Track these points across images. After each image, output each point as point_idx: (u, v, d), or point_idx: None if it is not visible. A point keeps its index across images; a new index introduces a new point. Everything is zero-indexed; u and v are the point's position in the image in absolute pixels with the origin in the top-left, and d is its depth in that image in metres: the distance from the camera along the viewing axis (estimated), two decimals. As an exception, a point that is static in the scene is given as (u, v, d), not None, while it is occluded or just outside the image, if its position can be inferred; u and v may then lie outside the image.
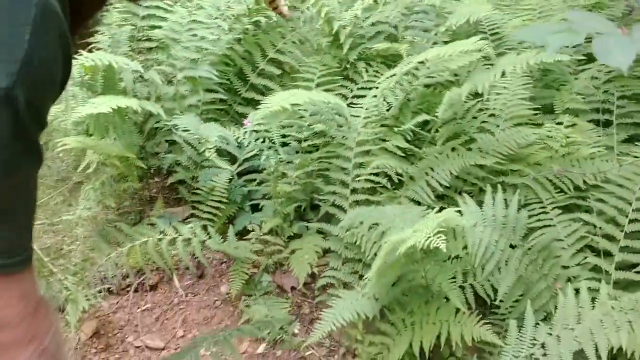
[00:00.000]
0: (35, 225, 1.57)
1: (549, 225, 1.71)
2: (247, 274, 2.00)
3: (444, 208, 1.46)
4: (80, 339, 1.88)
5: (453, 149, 1.86)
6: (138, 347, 1.92)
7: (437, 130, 1.90)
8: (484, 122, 1.95)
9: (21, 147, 0.71)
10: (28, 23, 0.67)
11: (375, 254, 1.45)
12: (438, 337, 1.51)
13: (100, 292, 1.99)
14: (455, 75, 2.10)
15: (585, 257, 1.68)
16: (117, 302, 2.05)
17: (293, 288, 2.05)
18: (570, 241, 1.69)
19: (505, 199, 1.67)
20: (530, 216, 1.74)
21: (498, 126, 1.92)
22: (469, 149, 1.86)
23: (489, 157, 1.77)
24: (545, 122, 1.95)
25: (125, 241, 1.90)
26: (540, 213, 1.76)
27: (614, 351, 1.35)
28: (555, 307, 1.40)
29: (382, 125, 1.99)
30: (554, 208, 1.77)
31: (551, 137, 1.92)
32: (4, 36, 0.66)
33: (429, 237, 1.16)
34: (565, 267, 1.62)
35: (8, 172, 0.71)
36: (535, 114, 2.02)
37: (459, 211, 1.41)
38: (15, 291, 0.75)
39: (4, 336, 0.76)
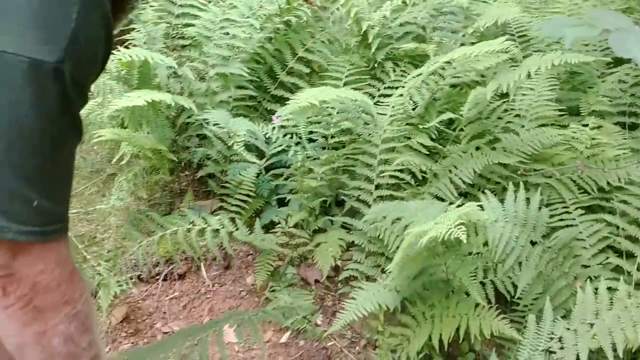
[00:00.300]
0: (70, 214, 1.66)
1: (571, 225, 1.73)
2: (272, 265, 2.06)
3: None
4: (111, 323, 1.95)
5: (477, 148, 1.89)
6: (166, 333, 1.99)
7: (461, 129, 1.93)
8: (509, 122, 1.97)
9: (67, 122, 0.77)
10: (75, 2, 0.72)
11: (398, 247, 1.49)
12: (457, 330, 1.54)
13: (131, 278, 2.07)
14: (482, 76, 2.13)
15: (607, 258, 1.69)
16: (147, 290, 2.13)
17: (317, 281, 2.10)
18: (592, 241, 1.70)
19: (527, 198, 1.70)
20: (552, 216, 1.77)
21: (523, 126, 1.94)
22: (493, 149, 1.88)
23: (512, 156, 1.80)
24: (571, 123, 1.96)
25: (156, 230, 1.97)
26: (562, 213, 1.78)
27: (634, 350, 1.37)
28: (575, 305, 1.42)
29: (407, 124, 2.02)
30: (576, 208, 1.79)
31: (576, 138, 1.93)
32: (53, 14, 0.72)
33: (450, 228, 1.20)
34: (586, 267, 1.64)
35: (56, 147, 0.77)
36: (561, 116, 2.04)
37: (481, 206, 1.44)
38: (53, 258, 0.81)
39: (41, 299, 0.81)
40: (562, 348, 1.32)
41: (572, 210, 1.78)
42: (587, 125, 1.93)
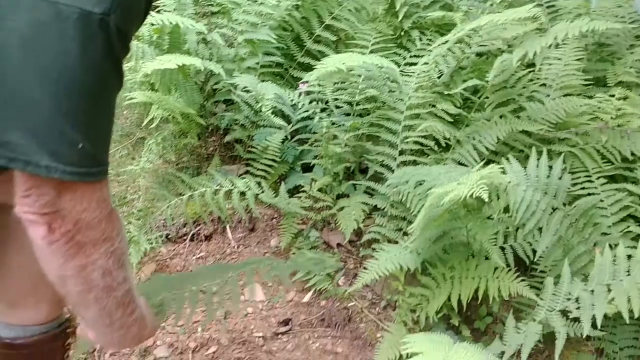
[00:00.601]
0: None
1: (593, 194, 1.74)
2: (296, 228, 2.11)
3: (488, 169, 1.51)
4: (141, 278, 2.03)
5: (501, 117, 1.91)
6: (193, 290, 2.06)
7: (486, 97, 1.95)
8: (534, 91, 1.98)
9: (111, 70, 0.83)
10: None
11: (420, 209, 1.52)
12: (476, 292, 1.58)
13: (161, 236, 2.14)
14: (509, 45, 2.13)
15: (628, 226, 1.71)
16: (174, 249, 2.20)
17: (339, 244, 2.15)
18: (614, 210, 1.72)
19: (550, 166, 1.71)
20: (574, 184, 1.78)
21: (548, 96, 1.95)
22: (517, 117, 1.90)
23: (537, 124, 1.81)
24: (597, 93, 1.96)
25: (184, 190, 2.03)
26: (584, 181, 1.79)
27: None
28: (593, 268, 1.44)
29: (432, 92, 2.04)
30: (599, 177, 1.80)
31: (602, 108, 1.94)
32: None
33: (472, 188, 1.23)
34: (605, 234, 1.66)
35: (100, 94, 0.83)
36: (587, 86, 2.04)
37: (503, 171, 1.47)
38: (95, 198, 0.87)
39: (83, 235, 0.87)
40: (578, 308, 1.35)
41: (595, 179, 1.80)
42: (613, 95, 1.93)
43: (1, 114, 0.79)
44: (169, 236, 2.21)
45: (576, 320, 1.52)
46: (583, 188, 1.78)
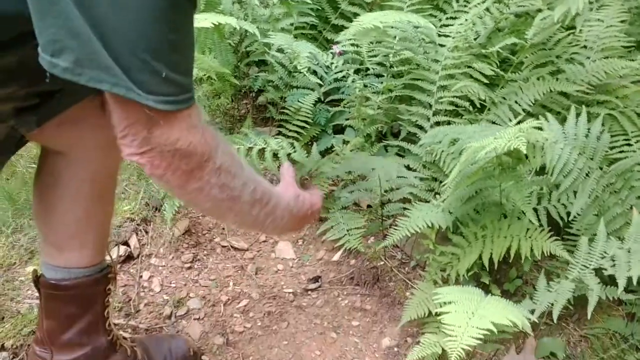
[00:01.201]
0: None
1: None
2: (326, 189, 2.12)
3: (525, 126, 1.49)
4: (174, 234, 2.07)
5: (539, 78, 1.88)
6: (224, 246, 2.10)
7: (525, 57, 1.91)
8: (574, 53, 1.94)
9: None
10: None
11: (454, 168, 1.51)
12: (508, 251, 1.58)
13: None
14: (548, 7, 2.08)
15: (666, 192, 1.68)
16: (207, 207, 2.23)
17: (369, 206, 2.16)
18: (652, 173, 1.69)
19: (588, 128, 1.69)
20: (612, 147, 1.75)
21: (588, 58, 1.91)
22: (556, 79, 1.86)
23: (575, 86, 1.78)
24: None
25: (218, 148, 2.05)
26: (623, 145, 1.76)
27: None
28: (629, 227, 1.42)
29: (469, 54, 2.02)
30: (638, 141, 1.77)
31: (644, 71, 1.89)
32: None
33: (510, 140, 1.22)
34: (644, 197, 1.63)
35: (177, 19, 0.83)
36: (629, 49, 1.99)
37: (540, 127, 1.45)
38: (185, 125, 0.88)
39: (185, 164, 0.90)
40: (613, 266, 1.34)
41: (634, 142, 1.77)
42: (656, 58, 1.89)
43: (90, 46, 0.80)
44: (202, 194, 2.24)
45: (607, 283, 1.51)
46: (621, 151, 1.75)
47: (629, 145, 1.75)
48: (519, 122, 1.64)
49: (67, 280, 1.29)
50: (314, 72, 2.23)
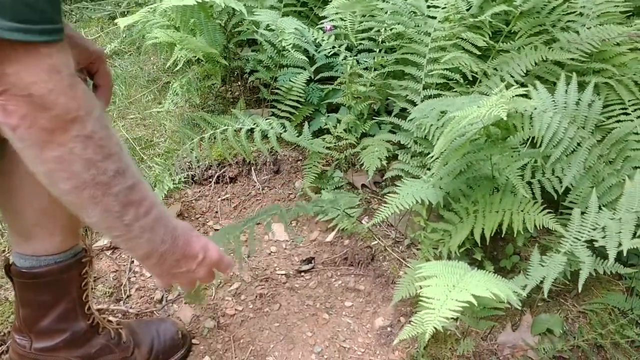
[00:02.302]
0: (128, 119, 1.67)
1: (628, 128, 1.65)
2: (319, 169, 2.09)
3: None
4: (167, 218, 2.05)
5: (532, 47, 1.81)
6: (217, 230, 2.08)
7: (515, 25, 1.85)
8: (569, 21, 1.88)
9: None
10: None
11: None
12: (500, 226, 1.53)
13: (186, 177, 2.15)
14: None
15: (665, 159, 1.62)
16: (200, 191, 2.21)
17: (363, 185, 2.12)
18: (650, 142, 1.63)
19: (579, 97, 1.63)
20: (609, 117, 1.70)
21: (584, 25, 1.84)
22: (550, 48, 1.80)
23: (569, 54, 1.72)
24: (637, 21, 1.84)
25: (207, 129, 2.02)
26: (620, 114, 1.70)
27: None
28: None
29: (460, 25, 1.95)
30: (636, 109, 1.71)
31: (642, 38, 1.82)
32: None
33: (491, 108, 1.17)
34: (638, 167, 1.57)
35: None
36: (628, 16, 1.92)
37: (527, 95, 1.40)
38: (45, 66, 0.74)
39: (45, 119, 0.76)
40: (604, 237, 1.29)
41: (631, 111, 1.70)
42: (655, 23, 1.81)
43: None
44: (195, 178, 2.22)
45: (605, 257, 1.46)
46: (618, 121, 1.69)
47: (626, 114, 1.69)
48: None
49: (37, 268, 1.25)
50: (305, 50, 2.18)
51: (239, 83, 2.51)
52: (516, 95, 1.26)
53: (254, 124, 2.02)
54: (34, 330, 1.32)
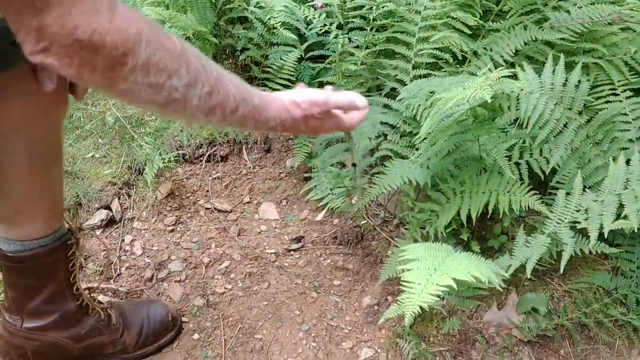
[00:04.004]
0: None
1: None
2: (310, 148, 2.09)
3: (502, 77, 1.43)
4: (157, 197, 2.06)
5: (522, 27, 1.80)
6: (208, 208, 2.09)
7: (510, 8, 1.84)
8: (560, 0, 1.86)
9: None
10: None
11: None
12: (486, 206, 1.54)
13: (177, 156, 2.15)
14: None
15: (653, 141, 1.62)
16: (191, 170, 2.21)
17: (354, 164, 2.12)
18: (638, 123, 1.63)
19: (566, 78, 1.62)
20: (598, 97, 1.69)
21: (575, 4, 1.83)
22: (541, 28, 1.79)
23: (559, 34, 1.70)
24: (629, 0, 1.83)
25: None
26: (609, 94, 1.70)
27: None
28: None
29: (451, 3, 1.94)
30: (625, 90, 1.70)
31: (634, 17, 1.81)
32: None
33: (475, 90, 1.17)
34: (625, 149, 1.57)
35: None
36: (620, -6, 1.90)
37: (515, 76, 1.39)
38: (84, 5, 0.71)
39: (100, 60, 0.75)
40: (587, 219, 1.30)
41: (620, 92, 1.70)
42: (647, 2, 1.80)
43: None
44: (186, 157, 2.22)
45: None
46: (608, 101, 1.69)
47: (615, 95, 1.68)
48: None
49: (22, 252, 1.25)
50: (295, 28, 2.16)
51: (231, 61, 2.49)
52: (503, 77, 1.25)
53: (244, 103, 2.01)
54: (23, 310, 1.33)
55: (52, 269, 1.32)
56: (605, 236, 1.23)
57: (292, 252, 1.92)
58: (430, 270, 1.07)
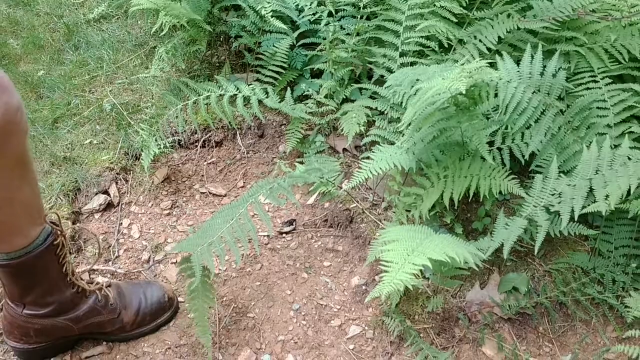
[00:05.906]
0: (115, 84, 1.64)
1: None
2: (302, 134, 2.15)
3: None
4: (154, 182, 2.12)
5: (508, 16, 1.85)
6: (203, 193, 2.15)
7: (494, -5, 1.88)
8: (544, -11, 1.90)
9: None
10: None
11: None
12: (468, 190, 1.60)
13: (172, 142, 2.20)
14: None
15: (630, 127, 1.68)
16: (186, 155, 2.27)
17: (345, 149, 2.18)
18: (617, 110, 1.69)
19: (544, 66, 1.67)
20: (578, 84, 1.75)
21: (558, -7, 1.87)
22: (524, 16, 1.84)
23: (542, 22, 1.75)
24: (610, -11, 1.88)
25: (191, 95, 2.07)
26: (589, 82, 1.75)
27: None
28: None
29: (438, -8, 1.98)
30: (604, 77, 1.76)
31: (616, 5, 1.86)
32: None
33: (452, 81, 1.22)
34: (602, 134, 1.63)
35: None
36: (602, -17, 1.94)
37: (493, 65, 1.44)
38: None
39: None
40: (560, 202, 1.36)
41: (600, 79, 1.75)
42: (627, -9, 1.84)
43: None
44: (181, 142, 2.28)
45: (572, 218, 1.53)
46: (587, 88, 1.74)
47: (595, 82, 1.74)
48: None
49: (10, 260, 1.29)
50: (289, 18, 2.20)
51: (225, 48, 2.54)
52: (483, 66, 1.31)
53: (237, 90, 2.07)
54: (23, 301, 1.40)
55: (44, 269, 1.37)
56: (576, 219, 1.30)
57: (284, 235, 1.98)
58: (408, 251, 1.14)
